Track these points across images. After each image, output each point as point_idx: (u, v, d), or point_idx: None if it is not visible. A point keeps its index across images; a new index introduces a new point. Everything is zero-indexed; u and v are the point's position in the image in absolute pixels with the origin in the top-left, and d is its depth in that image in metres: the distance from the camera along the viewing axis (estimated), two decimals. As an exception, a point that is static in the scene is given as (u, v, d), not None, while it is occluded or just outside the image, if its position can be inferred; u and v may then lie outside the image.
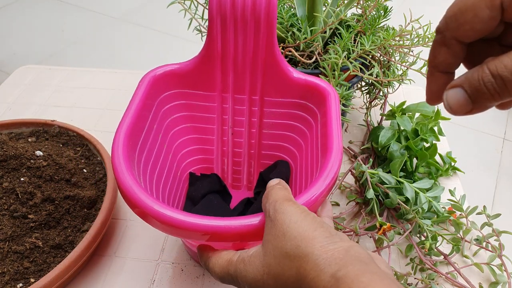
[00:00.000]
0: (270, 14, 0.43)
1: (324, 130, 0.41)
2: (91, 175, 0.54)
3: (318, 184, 0.35)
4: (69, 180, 0.51)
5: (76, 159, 0.55)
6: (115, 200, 0.50)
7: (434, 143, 0.59)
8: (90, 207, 0.50)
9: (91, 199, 0.50)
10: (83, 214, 0.49)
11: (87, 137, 0.58)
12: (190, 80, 0.48)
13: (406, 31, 0.59)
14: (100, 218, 0.47)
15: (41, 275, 0.43)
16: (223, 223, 0.32)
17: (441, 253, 0.51)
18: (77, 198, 0.49)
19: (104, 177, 0.54)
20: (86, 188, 0.51)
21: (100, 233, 0.47)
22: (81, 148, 0.58)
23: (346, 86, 0.54)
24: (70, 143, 0.58)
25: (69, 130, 0.59)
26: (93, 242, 0.45)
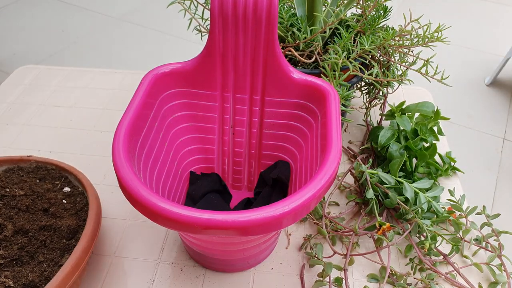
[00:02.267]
0: (271, 14, 0.43)
1: (324, 130, 0.41)
2: (72, 206, 0.49)
3: (316, 182, 0.35)
4: (47, 210, 0.47)
5: (56, 190, 0.51)
6: (98, 227, 0.45)
7: (433, 143, 0.59)
8: (69, 238, 0.45)
9: (70, 228, 0.45)
10: (62, 246, 0.44)
11: (67, 168, 0.53)
12: (192, 79, 0.48)
13: (405, 31, 0.59)
14: (80, 248, 0.41)
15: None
16: (220, 217, 0.32)
17: (440, 253, 0.51)
18: (54, 228, 0.44)
19: (85, 206, 0.49)
20: (65, 218, 0.47)
21: (79, 265, 0.40)
22: (60, 181, 0.53)
23: (346, 86, 0.54)
24: (49, 177, 0.53)
25: (47, 164, 0.54)
26: (69, 276, 0.39)
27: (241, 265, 0.49)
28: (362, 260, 0.51)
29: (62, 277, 0.38)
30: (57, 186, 0.52)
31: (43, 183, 0.51)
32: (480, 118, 1.67)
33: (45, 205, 0.47)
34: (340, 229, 0.53)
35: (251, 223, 0.32)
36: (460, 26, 2.19)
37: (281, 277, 0.49)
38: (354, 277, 0.50)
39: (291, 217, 0.33)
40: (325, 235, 0.52)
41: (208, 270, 0.50)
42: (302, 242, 0.53)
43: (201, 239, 0.42)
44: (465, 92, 1.80)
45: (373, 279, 0.49)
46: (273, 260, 0.51)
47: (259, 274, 0.50)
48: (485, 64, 1.95)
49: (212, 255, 0.47)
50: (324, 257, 0.50)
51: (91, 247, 0.42)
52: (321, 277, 0.48)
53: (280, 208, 0.32)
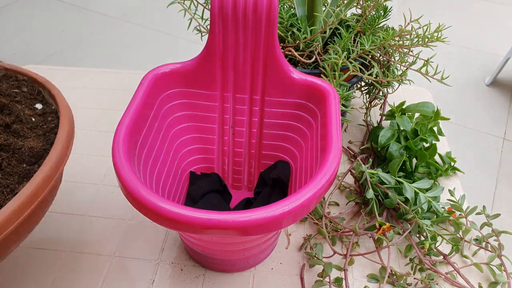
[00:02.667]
0: (271, 14, 0.43)
1: (324, 130, 0.41)
2: (40, 125, 0.42)
3: (316, 182, 0.35)
4: (9, 126, 0.39)
5: (24, 104, 0.43)
6: (66, 154, 0.38)
7: (433, 143, 0.59)
8: (32, 162, 0.38)
9: (33, 151, 0.38)
10: (21, 171, 0.37)
11: (41, 81, 0.46)
12: (192, 79, 0.48)
13: (405, 31, 0.59)
14: (41, 174, 0.34)
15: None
16: (220, 217, 0.32)
17: (440, 253, 0.51)
18: (13, 149, 0.37)
19: (56, 127, 0.42)
20: (29, 139, 0.39)
21: (37, 195, 0.33)
22: (31, 95, 0.45)
23: (346, 87, 0.54)
24: (18, 88, 0.46)
25: (18, 73, 0.47)
26: (25, 207, 0.32)
27: (241, 265, 0.49)
28: (362, 260, 0.51)
29: (14, 207, 0.31)
30: (27, 100, 0.44)
31: (9, 95, 0.43)
32: (480, 118, 1.67)
33: (7, 120, 0.39)
34: (340, 229, 0.53)
35: (251, 223, 0.32)
36: (460, 26, 2.19)
37: (281, 277, 0.49)
38: (354, 277, 0.50)
39: (291, 217, 0.33)
40: (325, 235, 0.52)
41: (208, 270, 0.50)
42: (302, 242, 0.53)
43: (201, 239, 0.42)
44: (465, 92, 1.80)
45: (373, 279, 0.49)
46: (273, 260, 0.51)
47: (259, 274, 0.50)
48: (485, 64, 1.95)
49: (212, 255, 0.47)
50: (324, 257, 0.50)
51: (55, 175, 0.35)
52: (321, 277, 0.48)
53: (280, 208, 0.32)
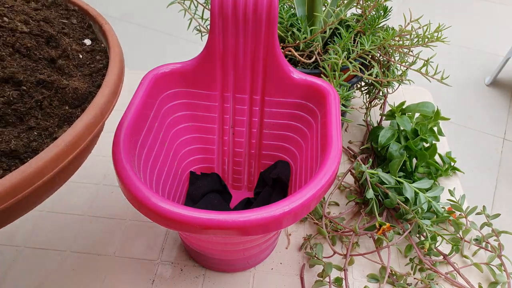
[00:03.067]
0: (271, 14, 0.43)
1: (324, 130, 0.41)
2: (87, 64, 0.38)
3: (316, 182, 0.35)
4: (54, 61, 0.35)
5: (72, 38, 0.39)
6: (113, 100, 0.34)
7: (433, 143, 0.59)
8: (75, 105, 0.34)
9: (78, 92, 0.34)
10: (63, 114, 0.33)
11: (92, 14, 0.41)
12: (192, 79, 0.48)
13: (405, 31, 0.59)
14: (84, 120, 0.30)
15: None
16: (220, 217, 0.32)
17: (440, 253, 0.51)
18: (56, 88, 0.33)
19: (104, 68, 0.38)
20: (74, 78, 0.36)
21: (78, 144, 0.30)
22: (81, 29, 0.41)
23: (346, 87, 0.54)
24: (67, 19, 0.41)
25: (69, 1, 0.42)
26: (63, 155, 0.29)
27: (241, 265, 0.49)
28: (362, 260, 0.51)
29: (53, 154, 0.28)
30: (76, 33, 0.40)
31: (58, 25, 0.39)
32: (480, 118, 1.67)
33: (53, 54, 0.35)
34: (340, 229, 0.53)
35: (251, 223, 0.32)
36: (460, 26, 2.19)
37: (281, 277, 0.49)
38: (354, 277, 0.50)
39: (291, 217, 0.33)
40: (325, 235, 0.52)
41: (208, 270, 0.50)
42: (302, 242, 0.53)
43: (201, 239, 0.42)
44: (465, 92, 1.80)
45: (373, 279, 0.49)
46: (273, 260, 0.51)
47: (259, 274, 0.50)
48: (485, 64, 1.95)
49: (212, 255, 0.47)
50: (324, 257, 0.50)
51: (99, 123, 0.32)
52: (321, 277, 0.48)
53: (280, 208, 0.32)
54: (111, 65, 0.36)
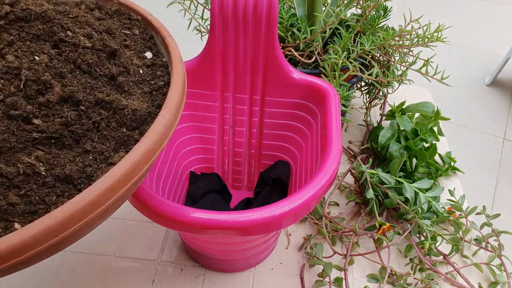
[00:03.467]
0: (271, 14, 0.43)
1: (324, 130, 0.41)
2: (148, 80, 0.36)
3: (316, 182, 0.35)
4: (114, 78, 0.33)
5: (133, 51, 0.37)
6: (174, 123, 0.31)
7: (433, 143, 0.59)
8: (132, 127, 0.32)
9: (137, 114, 0.32)
10: (119, 136, 0.31)
11: (155, 25, 0.39)
12: (192, 79, 0.48)
13: (405, 31, 0.59)
14: (142, 147, 0.28)
15: (32, 220, 0.26)
16: (220, 217, 0.32)
17: (440, 253, 0.51)
18: (115, 108, 0.31)
19: (165, 86, 0.35)
20: (134, 96, 0.33)
21: (133, 174, 0.27)
22: (142, 40, 0.39)
23: (346, 87, 0.54)
24: (129, 30, 0.39)
25: (132, 10, 0.40)
26: (119, 186, 0.27)
27: (241, 265, 0.49)
28: (362, 260, 0.51)
29: (108, 185, 0.26)
30: (137, 45, 0.37)
31: (120, 36, 0.37)
32: (480, 118, 1.67)
33: (113, 70, 0.33)
34: (340, 229, 0.53)
35: (251, 223, 0.32)
36: (460, 26, 2.19)
37: (281, 277, 0.49)
38: (354, 277, 0.50)
39: (291, 217, 0.33)
40: (325, 235, 0.52)
41: (208, 270, 0.50)
42: (302, 242, 0.53)
43: (201, 239, 0.42)
44: (465, 92, 1.80)
45: (373, 279, 0.49)
46: (273, 260, 0.51)
47: (259, 274, 0.50)
48: (485, 64, 1.95)
49: (212, 255, 0.47)
50: (324, 257, 0.50)
51: (158, 150, 0.29)
52: (321, 277, 0.48)
53: (280, 208, 0.32)
54: (173, 85, 0.33)
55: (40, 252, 0.23)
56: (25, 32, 0.30)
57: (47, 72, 0.30)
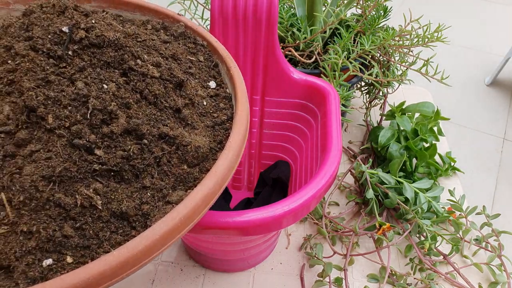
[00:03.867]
0: (271, 15, 0.43)
1: (324, 130, 0.41)
2: (211, 112, 0.34)
3: (316, 182, 0.35)
4: (179, 110, 0.32)
5: (198, 80, 0.35)
6: (235, 164, 0.29)
7: (433, 143, 0.59)
8: (193, 164, 0.30)
9: (199, 151, 0.30)
10: (179, 173, 0.30)
11: (221, 53, 0.37)
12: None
13: (405, 31, 0.59)
14: (203, 191, 0.26)
15: (84, 255, 0.26)
16: (220, 217, 0.32)
17: (440, 253, 0.51)
18: (178, 144, 0.30)
19: (228, 121, 0.34)
20: (197, 130, 0.32)
21: (192, 218, 0.26)
22: (207, 68, 0.37)
23: (346, 87, 0.54)
24: (194, 56, 0.38)
25: (197, 35, 0.39)
26: (176, 231, 0.25)
27: (241, 265, 0.49)
28: (362, 260, 0.51)
29: (166, 230, 0.24)
30: (202, 73, 0.36)
31: (185, 62, 0.35)
32: (480, 118, 1.67)
33: (179, 103, 0.32)
34: (340, 229, 0.53)
35: (251, 223, 0.32)
36: (460, 26, 2.19)
37: (281, 277, 0.49)
38: (354, 277, 0.50)
39: (291, 217, 0.33)
40: (325, 235, 0.52)
41: (208, 270, 0.50)
42: (302, 242, 0.53)
43: (201, 239, 0.42)
44: (465, 92, 1.80)
45: (373, 279, 0.49)
46: (273, 260, 0.51)
47: (259, 274, 0.50)
48: (485, 64, 1.94)
49: (212, 255, 0.47)
50: (324, 257, 0.50)
51: (217, 193, 0.27)
52: (321, 277, 0.48)
53: (280, 208, 0.32)
54: (237, 123, 0.31)
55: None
56: (97, 59, 0.30)
57: (114, 102, 0.29)
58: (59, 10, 0.31)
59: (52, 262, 0.25)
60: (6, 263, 0.24)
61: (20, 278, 0.24)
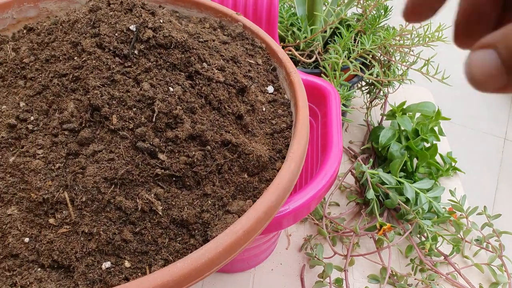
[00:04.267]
0: (271, 14, 0.43)
1: (325, 130, 0.41)
2: (269, 119, 0.33)
3: (316, 182, 0.35)
4: (241, 117, 0.31)
5: (257, 83, 0.35)
6: (296, 177, 0.28)
7: (434, 143, 0.59)
8: (253, 173, 0.30)
9: (261, 160, 0.29)
10: (240, 182, 0.29)
11: (280, 56, 0.36)
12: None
13: (406, 30, 0.59)
14: (265, 201, 0.25)
15: (141, 261, 0.25)
16: None
17: (441, 254, 0.51)
18: (240, 152, 0.29)
19: (287, 129, 0.33)
20: (256, 138, 0.31)
21: (255, 231, 0.25)
22: (265, 72, 0.36)
23: (346, 86, 0.54)
24: (252, 59, 0.36)
25: (256, 36, 0.38)
26: (239, 243, 0.24)
27: (241, 265, 0.49)
28: (362, 261, 0.51)
29: (228, 243, 0.23)
30: (261, 77, 0.35)
31: (244, 66, 0.34)
32: (481, 118, 1.66)
33: (242, 109, 0.31)
34: (340, 230, 0.52)
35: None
36: (461, 25, 2.19)
37: (281, 278, 0.49)
38: (355, 278, 0.49)
39: (292, 218, 0.33)
40: (325, 235, 0.51)
41: (208, 271, 0.50)
42: (303, 242, 0.53)
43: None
44: (466, 92, 1.79)
45: (374, 279, 0.49)
46: (273, 260, 0.51)
47: (259, 275, 0.49)
48: (486, 64, 1.94)
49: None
50: (324, 258, 0.49)
51: (278, 207, 0.26)
52: (321, 278, 0.47)
53: (281, 208, 0.32)
54: (297, 132, 0.30)
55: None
56: (163, 60, 0.29)
57: (179, 106, 0.28)
58: (127, 8, 0.30)
59: (111, 265, 0.25)
60: (67, 262, 0.24)
61: (80, 279, 0.24)
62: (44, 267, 0.24)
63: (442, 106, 0.64)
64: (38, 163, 0.25)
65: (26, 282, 0.23)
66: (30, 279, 0.23)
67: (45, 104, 0.28)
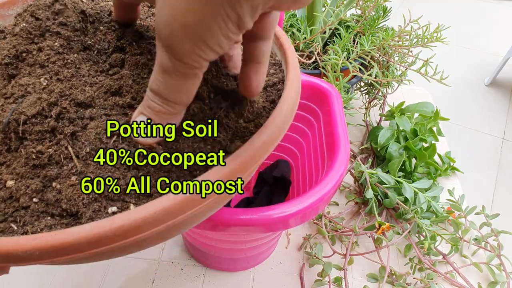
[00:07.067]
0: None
1: (329, 128, 0.41)
2: None
3: (325, 182, 0.35)
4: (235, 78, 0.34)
5: None
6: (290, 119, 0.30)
7: (433, 143, 0.60)
8: (249, 120, 0.33)
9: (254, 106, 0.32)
10: (236, 127, 0.31)
11: None
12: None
13: (405, 31, 0.59)
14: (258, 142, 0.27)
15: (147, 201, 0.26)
16: (247, 215, 0.32)
17: (440, 253, 0.51)
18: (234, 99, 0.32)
19: (279, 83, 0.35)
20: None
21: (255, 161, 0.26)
22: None
23: (346, 88, 0.54)
24: None
25: None
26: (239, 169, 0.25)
27: (241, 264, 0.49)
28: (361, 260, 0.51)
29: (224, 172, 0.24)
30: None
31: None
32: (480, 118, 1.67)
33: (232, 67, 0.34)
34: (339, 229, 0.53)
35: (274, 220, 0.32)
36: (460, 26, 2.19)
37: (281, 277, 0.49)
38: (354, 277, 0.50)
39: (299, 218, 0.33)
40: (324, 234, 0.52)
41: (208, 270, 0.50)
42: (302, 241, 0.53)
43: (207, 236, 0.42)
44: (465, 92, 1.80)
45: (373, 278, 0.49)
46: (273, 259, 0.51)
47: (259, 274, 0.50)
48: (484, 64, 1.95)
49: (214, 252, 0.47)
50: (323, 257, 0.50)
51: (274, 143, 0.28)
52: (320, 277, 0.48)
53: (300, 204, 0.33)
54: (289, 79, 0.31)
55: (157, 233, 0.23)
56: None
57: None
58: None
59: (117, 209, 0.26)
60: (75, 209, 0.25)
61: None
62: (53, 216, 0.25)
63: (441, 107, 0.65)
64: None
65: (36, 229, 0.25)
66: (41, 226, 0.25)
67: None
